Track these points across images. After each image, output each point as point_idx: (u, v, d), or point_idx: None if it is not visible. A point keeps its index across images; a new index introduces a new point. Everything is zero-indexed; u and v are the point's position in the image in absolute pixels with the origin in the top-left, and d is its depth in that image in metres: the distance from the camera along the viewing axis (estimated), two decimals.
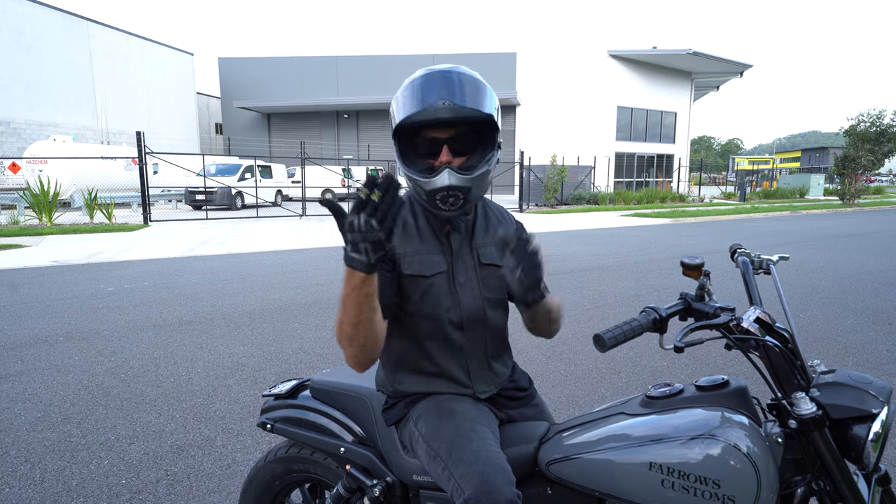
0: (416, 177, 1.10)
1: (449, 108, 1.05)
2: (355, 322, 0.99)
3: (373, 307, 0.99)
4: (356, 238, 0.89)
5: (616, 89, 27.60)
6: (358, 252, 0.90)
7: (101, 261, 7.60)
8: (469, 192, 1.10)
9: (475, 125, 1.11)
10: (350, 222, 0.89)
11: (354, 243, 0.90)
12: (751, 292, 1.12)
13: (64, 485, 2.17)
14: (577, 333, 4.17)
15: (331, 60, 28.80)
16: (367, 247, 0.89)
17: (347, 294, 0.96)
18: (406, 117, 1.07)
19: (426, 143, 1.11)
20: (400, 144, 1.14)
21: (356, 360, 1.06)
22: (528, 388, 1.33)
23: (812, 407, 0.94)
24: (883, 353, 3.77)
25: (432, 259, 1.18)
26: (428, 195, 1.11)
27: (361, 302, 0.96)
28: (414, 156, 1.13)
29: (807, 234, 11.27)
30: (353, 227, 0.88)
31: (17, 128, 20.04)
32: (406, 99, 1.08)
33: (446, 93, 1.05)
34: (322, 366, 3.49)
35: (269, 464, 1.45)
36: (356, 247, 0.90)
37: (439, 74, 1.08)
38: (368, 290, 0.96)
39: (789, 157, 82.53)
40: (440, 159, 1.10)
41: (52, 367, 3.45)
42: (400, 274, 1.16)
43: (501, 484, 0.99)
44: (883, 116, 23.55)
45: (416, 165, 1.12)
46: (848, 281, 6.22)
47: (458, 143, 1.11)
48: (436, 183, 1.08)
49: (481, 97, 1.08)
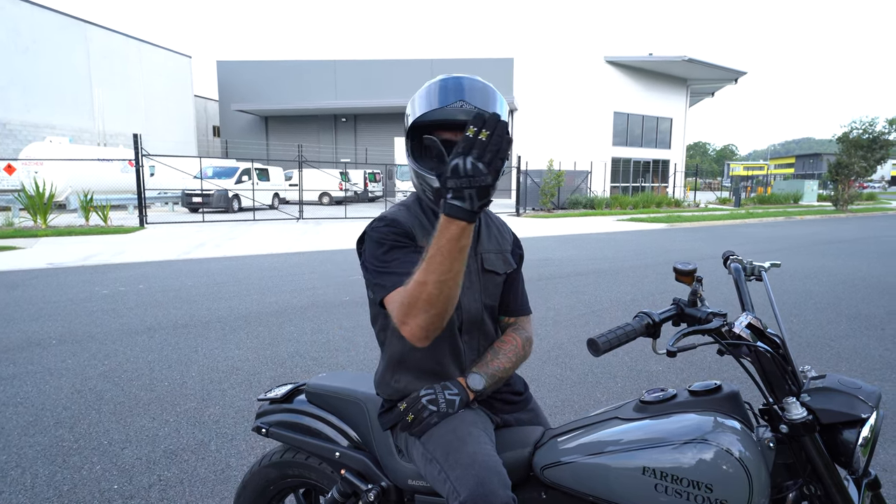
0: (426, 173, 1.12)
1: (465, 110, 1.08)
2: (444, 279, 0.90)
3: (464, 262, 0.91)
4: (461, 184, 0.82)
5: (612, 95, 27.77)
6: (462, 199, 0.83)
7: (97, 263, 7.56)
8: None
9: None
10: (455, 166, 0.82)
11: (458, 189, 0.83)
12: (743, 298, 1.14)
13: (55, 490, 2.15)
14: (572, 338, 4.18)
15: (329, 64, 28.85)
16: (471, 193, 0.83)
17: (441, 247, 0.88)
18: (423, 114, 1.10)
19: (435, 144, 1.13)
20: (413, 143, 1.16)
21: (427, 328, 0.96)
22: (523, 392, 1.34)
23: (803, 412, 0.95)
24: (875, 358, 3.79)
25: None
26: (436, 192, 1.14)
27: (455, 256, 0.89)
28: (422, 155, 1.16)
29: (800, 240, 11.34)
30: (457, 171, 0.82)
31: (14, 129, 19.97)
32: (423, 99, 1.13)
33: (465, 95, 1.09)
34: (318, 370, 3.48)
35: (263, 468, 1.45)
36: (459, 193, 0.83)
37: (456, 79, 1.13)
38: (465, 241, 0.88)
39: (783, 163, 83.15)
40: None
41: (45, 371, 3.42)
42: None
43: (497, 487, 1.00)
44: (875, 124, 23.77)
45: (427, 162, 1.14)
46: (841, 286, 6.26)
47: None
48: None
49: (494, 103, 1.12)
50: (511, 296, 1.31)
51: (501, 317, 1.32)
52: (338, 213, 17.49)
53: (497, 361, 1.21)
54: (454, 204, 0.85)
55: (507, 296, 1.30)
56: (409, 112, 1.17)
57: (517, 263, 1.33)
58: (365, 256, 1.15)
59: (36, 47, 20.49)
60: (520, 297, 1.32)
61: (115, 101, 24.00)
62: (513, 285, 1.31)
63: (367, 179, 25.84)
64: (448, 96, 1.09)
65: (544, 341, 4.11)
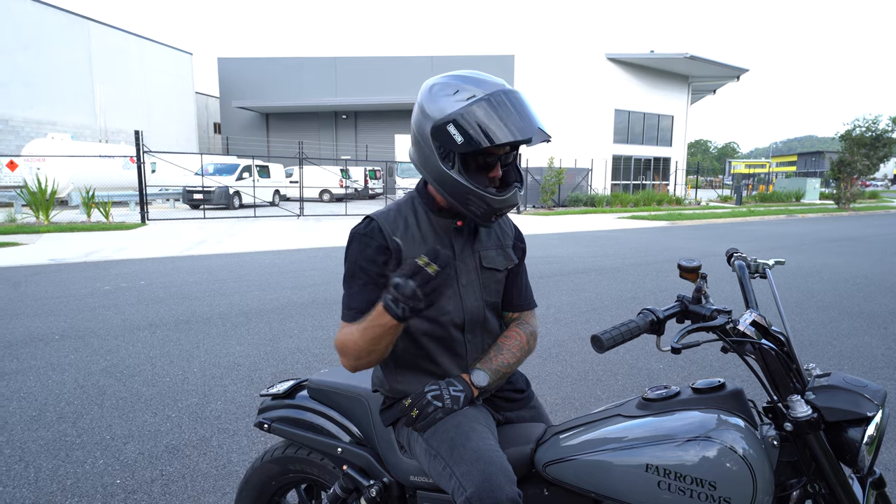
0: (485, 193, 1.09)
1: (540, 134, 1.07)
2: (372, 348, 1.04)
3: (391, 343, 1.05)
4: (399, 299, 0.92)
5: (614, 92, 27.68)
6: (396, 306, 0.94)
7: (98, 259, 7.57)
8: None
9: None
10: (397, 284, 0.92)
11: (395, 300, 0.93)
12: (747, 296, 1.13)
13: (58, 484, 2.16)
14: (573, 335, 4.18)
15: (329, 61, 28.79)
16: (405, 308, 0.93)
17: (374, 326, 1.00)
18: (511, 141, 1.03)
19: (485, 158, 1.10)
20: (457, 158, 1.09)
21: (353, 368, 1.12)
22: (525, 390, 1.34)
23: (807, 410, 0.95)
24: (878, 356, 3.79)
25: None
26: (491, 211, 1.11)
27: (383, 337, 1.02)
28: (467, 168, 1.11)
29: (803, 238, 11.32)
30: (398, 287, 0.91)
31: (16, 126, 19.97)
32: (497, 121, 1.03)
33: (534, 119, 1.07)
34: (319, 366, 3.49)
35: (265, 464, 1.45)
36: (395, 303, 0.93)
37: (520, 98, 1.07)
38: (394, 333, 1.01)
39: (785, 161, 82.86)
40: (494, 174, 1.12)
41: (48, 366, 3.43)
42: None
43: (503, 482, 1.00)
44: (878, 122, 23.72)
45: (476, 180, 1.10)
46: (843, 285, 6.25)
47: (507, 158, 1.15)
48: (510, 201, 1.12)
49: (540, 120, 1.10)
50: (514, 290, 1.30)
51: (505, 312, 1.31)
52: (338, 210, 17.49)
53: (501, 357, 1.21)
54: (389, 305, 0.95)
55: (510, 291, 1.29)
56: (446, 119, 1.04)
57: (519, 257, 1.31)
58: (345, 263, 1.18)
59: (38, 44, 20.46)
60: (523, 292, 1.31)
61: (116, 98, 23.98)
62: (515, 280, 1.30)
63: (367, 176, 25.82)
64: (526, 123, 1.04)
65: (545, 339, 4.10)
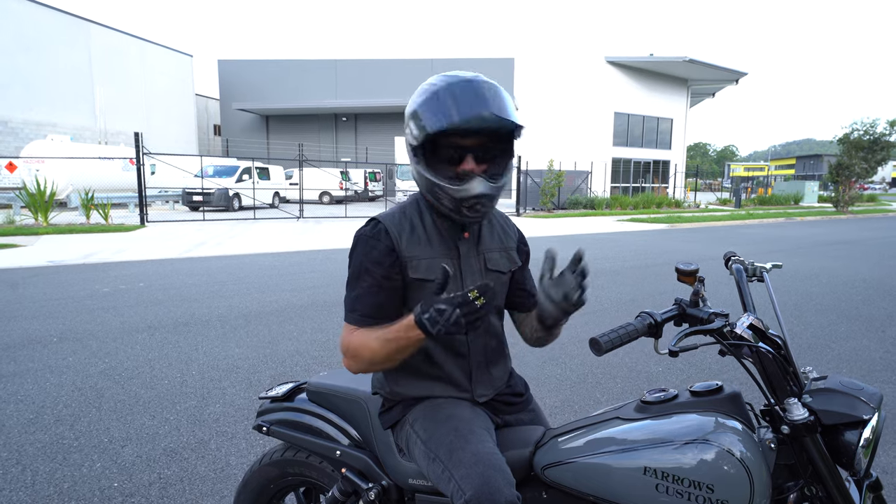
0: (445, 184, 1.10)
1: (493, 119, 1.04)
2: (393, 357, 1.07)
3: (412, 352, 1.07)
4: (439, 321, 0.95)
5: (613, 95, 27.75)
6: (433, 327, 0.96)
7: (97, 261, 7.56)
8: (495, 199, 1.14)
9: (498, 134, 1.12)
10: (442, 310, 0.94)
11: (433, 321, 0.96)
12: (744, 299, 1.13)
13: (56, 487, 2.16)
14: (572, 338, 4.18)
15: (329, 64, 28.83)
16: (441, 329, 0.96)
17: (399, 338, 1.03)
18: (451, 124, 1.04)
19: (449, 151, 1.10)
20: (423, 150, 1.12)
21: (360, 372, 1.13)
22: (524, 393, 1.34)
23: (804, 413, 0.95)
24: (876, 360, 3.79)
25: (440, 263, 1.18)
26: (456, 202, 1.11)
27: (407, 350, 1.05)
28: (434, 161, 1.13)
29: (801, 241, 11.34)
30: (442, 314, 0.95)
31: (15, 127, 19.97)
32: (437, 108, 1.06)
33: (489, 103, 1.05)
34: (318, 368, 3.48)
35: (264, 467, 1.45)
36: (433, 324, 0.96)
37: (477, 83, 1.07)
38: (417, 346, 1.04)
39: (784, 164, 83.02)
40: (465, 167, 1.10)
41: (46, 368, 3.43)
42: (406, 278, 1.17)
43: (502, 485, 1.00)
44: (876, 125, 23.75)
45: (441, 172, 1.11)
46: (842, 288, 6.26)
47: (483, 150, 1.12)
48: (469, 191, 1.09)
49: (510, 107, 1.08)
50: (524, 292, 1.32)
51: (519, 313, 1.33)
52: (338, 213, 17.48)
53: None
54: (424, 323, 0.97)
55: (519, 293, 1.32)
56: (409, 115, 1.10)
57: (524, 261, 1.33)
58: (349, 265, 1.18)
59: (38, 45, 20.48)
60: (533, 292, 1.33)
61: (116, 100, 24.00)
62: (523, 283, 1.32)
63: (367, 179, 25.84)
64: (473, 106, 1.04)
65: None
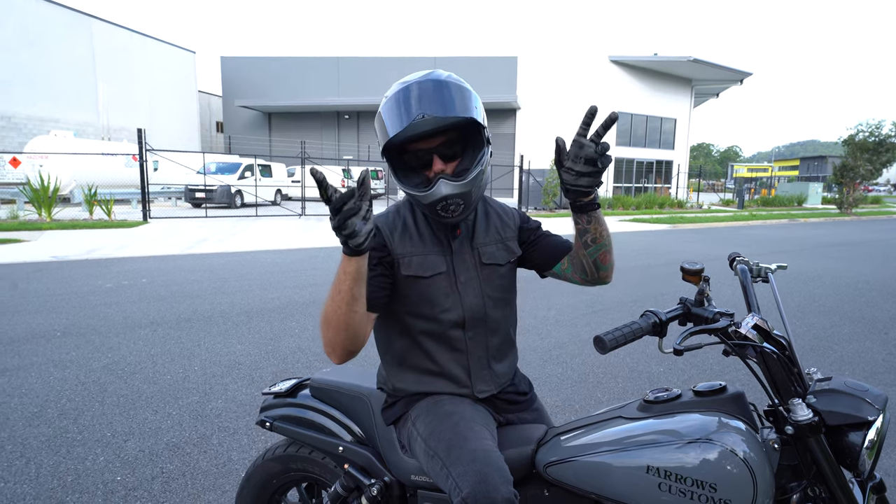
0: (412, 191, 1.12)
1: (430, 121, 1.04)
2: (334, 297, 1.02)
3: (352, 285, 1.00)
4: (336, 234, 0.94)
5: (617, 95, 27.67)
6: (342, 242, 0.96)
7: (100, 257, 7.58)
8: (469, 196, 1.12)
9: (460, 129, 1.12)
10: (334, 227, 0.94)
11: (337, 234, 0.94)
12: (749, 300, 1.13)
13: (59, 480, 2.17)
14: (574, 337, 4.18)
15: (332, 61, 28.82)
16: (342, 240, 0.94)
17: (336, 272, 1.02)
18: (390, 139, 1.07)
19: (415, 156, 1.12)
20: (392, 161, 1.14)
21: (329, 344, 1.06)
22: (528, 392, 1.34)
23: (808, 413, 0.95)
24: (879, 362, 3.78)
25: (431, 260, 1.19)
26: (428, 207, 1.12)
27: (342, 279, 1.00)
28: (406, 170, 1.15)
29: (804, 243, 11.31)
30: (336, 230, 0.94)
31: (19, 123, 20.01)
32: (386, 119, 1.08)
33: (423, 106, 1.04)
34: (319, 365, 3.49)
35: (267, 462, 1.45)
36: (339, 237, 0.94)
37: (413, 87, 1.06)
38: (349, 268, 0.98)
39: (788, 165, 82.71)
40: (434, 169, 1.11)
41: (49, 363, 3.44)
42: (397, 275, 1.17)
43: (499, 482, 1.00)
44: (881, 126, 23.64)
45: (411, 179, 1.13)
46: (845, 290, 6.24)
47: (447, 148, 1.12)
48: (433, 195, 1.09)
49: (459, 101, 1.07)
50: (549, 247, 1.27)
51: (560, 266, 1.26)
52: None
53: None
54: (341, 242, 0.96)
55: (545, 250, 1.27)
56: (377, 131, 1.13)
57: (535, 227, 1.30)
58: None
59: (41, 41, 20.51)
60: (560, 241, 1.27)
61: (119, 96, 24.02)
62: (548, 240, 1.28)
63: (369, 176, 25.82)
64: (409, 112, 1.04)
65: (545, 340, 4.11)
